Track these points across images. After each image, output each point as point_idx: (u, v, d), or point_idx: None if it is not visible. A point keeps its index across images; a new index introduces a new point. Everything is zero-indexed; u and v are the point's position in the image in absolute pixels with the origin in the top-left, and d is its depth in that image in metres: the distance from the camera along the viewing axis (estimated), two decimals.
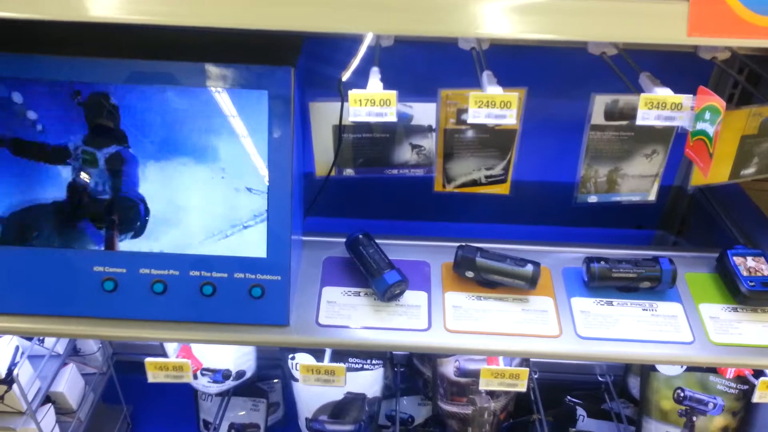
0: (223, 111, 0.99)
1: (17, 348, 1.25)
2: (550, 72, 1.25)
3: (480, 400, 1.41)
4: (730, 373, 1.26)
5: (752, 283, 1.06)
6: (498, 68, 1.00)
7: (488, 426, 1.45)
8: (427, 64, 1.24)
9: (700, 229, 1.56)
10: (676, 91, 0.92)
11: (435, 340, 1.04)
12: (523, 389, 1.08)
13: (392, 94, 0.94)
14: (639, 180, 1.18)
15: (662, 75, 0.99)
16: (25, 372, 1.28)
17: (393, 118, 0.95)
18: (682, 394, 1.30)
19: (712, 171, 1.14)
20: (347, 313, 1.07)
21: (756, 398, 1.06)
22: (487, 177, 1.20)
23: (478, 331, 1.05)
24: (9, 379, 1.22)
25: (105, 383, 1.64)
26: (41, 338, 1.35)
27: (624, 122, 1.09)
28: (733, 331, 1.05)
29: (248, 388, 1.59)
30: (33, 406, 1.29)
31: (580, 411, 1.59)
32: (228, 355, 1.35)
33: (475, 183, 1.20)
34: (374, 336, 1.04)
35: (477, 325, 1.05)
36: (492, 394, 1.42)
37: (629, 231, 1.62)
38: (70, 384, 1.44)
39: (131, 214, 1.01)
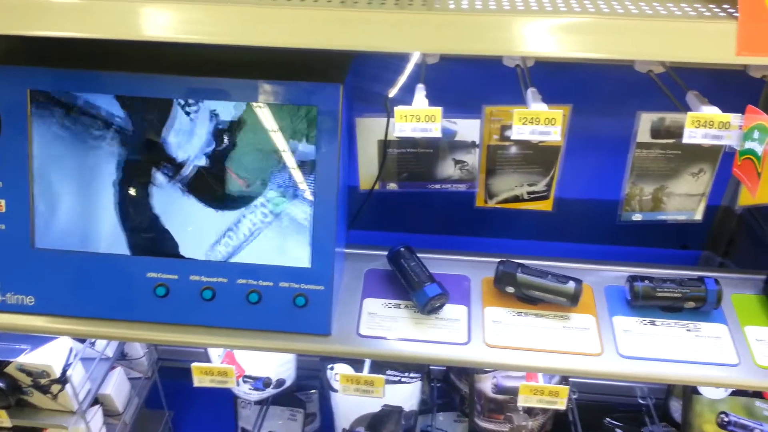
0: (274, 126, 1.03)
1: (71, 349, 1.30)
2: (595, 89, 1.26)
3: (517, 418, 1.40)
4: None
5: None
6: (542, 85, 1.01)
7: None
8: (471, 80, 1.26)
9: (747, 250, 1.52)
10: (725, 109, 0.91)
11: (474, 354, 1.05)
12: (563, 407, 1.08)
13: (437, 110, 0.96)
14: (685, 199, 1.17)
15: (711, 93, 0.99)
16: (77, 373, 1.33)
17: (438, 134, 0.97)
18: (726, 419, 1.27)
19: (762, 191, 1.12)
20: (387, 324, 1.08)
21: None
22: (529, 193, 1.21)
23: (518, 347, 1.05)
24: (63, 379, 1.27)
25: (149, 388, 1.69)
26: (92, 341, 1.41)
27: (670, 140, 1.09)
28: None
29: (287, 397, 1.61)
30: (83, 406, 1.34)
31: None
32: (269, 363, 1.38)
33: (517, 199, 1.21)
34: (413, 348, 1.05)
35: (517, 340, 1.06)
36: (530, 413, 1.41)
37: (674, 251, 1.60)
38: (117, 387, 1.49)
39: None
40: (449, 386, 1.56)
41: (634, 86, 1.12)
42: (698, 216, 1.17)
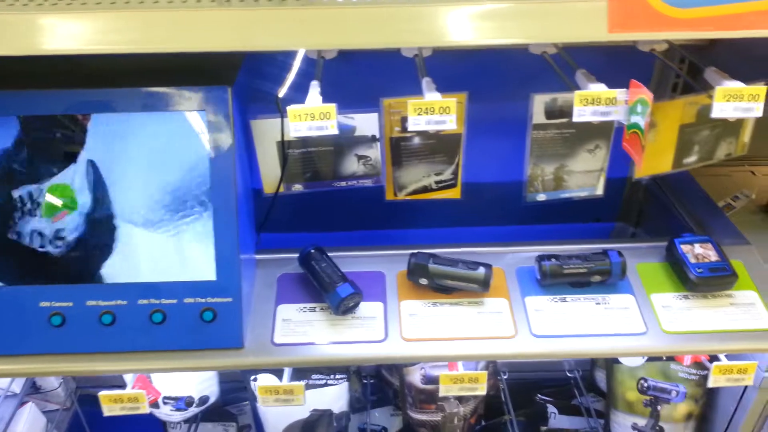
0: (163, 135, 0.98)
1: None
2: (492, 74, 1.27)
3: (449, 406, 1.40)
4: (688, 360, 1.28)
5: (700, 270, 1.08)
6: (441, 74, 1.00)
7: (459, 431, 1.44)
8: (369, 74, 1.24)
9: (656, 218, 1.58)
10: (622, 85, 0.94)
11: (392, 351, 1.04)
12: (483, 392, 1.08)
13: (331, 107, 0.94)
14: (585, 175, 1.19)
15: (607, 70, 1.01)
16: None
17: (334, 131, 0.95)
18: (645, 384, 1.32)
19: (655, 161, 1.16)
20: (303, 329, 1.06)
21: (711, 383, 1.07)
22: (437, 182, 1.20)
23: (435, 338, 1.05)
24: None
25: (70, 419, 1.60)
26: None
27: (564, 120, 1.11)
28: (684, 319, 1.06)
29: (217, 412, 1.56)
30: None
31: (551, 408, 1.60)
32: (189, 381, 1.33)
33: (426, 189, 1.21)
34: (331, 351, 1.03)
35: (433, 331, 1.05)
36: (461, 399, 1.42)
37: (588, 225, 1.64)
38: (29, 424, 1.40)
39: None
40: (382, 381, 1.56)
41: (529, 69, 1.13)
42: (599, 191, 1.20)
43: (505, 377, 1.58)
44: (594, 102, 0.94)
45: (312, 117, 0.94)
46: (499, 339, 1.04)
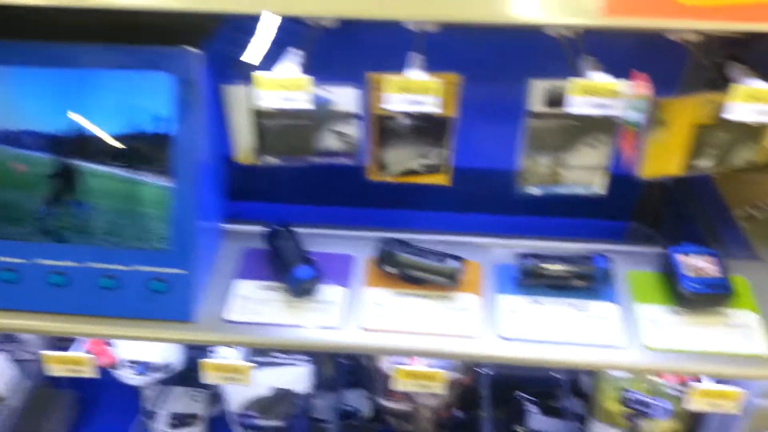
0: (127, 95, 0.92)
1: None
2: (500, 55, 1.17)
3: (419, 397, 1.35)
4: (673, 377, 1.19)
5: (694, 285, 0.99)
6: (446, 51, 0.91)
7: (430, 423, 1.39)
8: (365, 45, 1.16)
9: (674, 223, 1.47)
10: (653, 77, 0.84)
11: (345, 339, 0.98)
12: (440, 391, 1.02)
13: (305, 78, 0.87)
14: (585, 171, 1.09)
15: (639, 59, 0.90)
16: None
17: (307, 105, 0.88)
18: (627, 397, 1.24)
19: (663, 162, 1.05)
20: (258, 308, 1.00)
21: (690, 405, 0.99)
22: (423, 166, 1.12)
23: (394, 330, 0.98)
24: None
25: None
26: None
27: (565, 110, 1.01)
28: (670, 335, 0.98)
29: (191, 378, 1.54)
30: None
31: (533, 408, 1.53)
32: (152, 347, 1.30)
33: (411, 172, 1.13)
34: (283, 334, 0.98)
35: (394, 323, 0.99)
36: None
37: (598, 222, 1.54)
38: None
39: None
40: (357, 364, 1.51)
41: (544, 53, 1.02)
42: (599, 189, 1.10)
43: (487, 371, 1.52)
44: (593, 92, 0.84)
45: (283, 87, 0.87)
46: (461, 337, 0.97)
